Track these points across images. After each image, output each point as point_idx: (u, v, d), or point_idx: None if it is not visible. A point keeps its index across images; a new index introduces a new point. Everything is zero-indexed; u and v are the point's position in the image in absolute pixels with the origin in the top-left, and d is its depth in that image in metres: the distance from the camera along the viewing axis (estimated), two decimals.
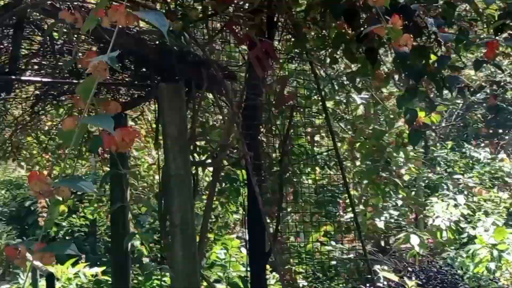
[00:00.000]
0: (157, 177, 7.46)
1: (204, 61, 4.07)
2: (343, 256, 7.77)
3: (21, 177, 16.28)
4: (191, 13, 3.60)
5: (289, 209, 5.76)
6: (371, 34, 3.21)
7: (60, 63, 5.29)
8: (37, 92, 5.91)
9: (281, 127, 4.82)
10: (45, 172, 8.21)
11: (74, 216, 11.01)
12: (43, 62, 5.37)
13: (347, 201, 6.59)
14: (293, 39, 4.01)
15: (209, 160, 4.56)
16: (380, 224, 8.27)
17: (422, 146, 12.85)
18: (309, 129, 4.93)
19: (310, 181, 5.51)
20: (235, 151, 4.73)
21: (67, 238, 13.85)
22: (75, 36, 4.78)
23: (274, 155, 4.85)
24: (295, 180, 5.38)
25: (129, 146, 1.74)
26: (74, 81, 5.17)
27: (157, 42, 4.40)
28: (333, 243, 7.31)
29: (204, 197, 5.09)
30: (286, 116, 4.66)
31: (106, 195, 8.40)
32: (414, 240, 8.61)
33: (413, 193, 13.28)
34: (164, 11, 4.20)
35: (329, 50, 3.55)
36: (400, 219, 10.25)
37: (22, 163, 8.10)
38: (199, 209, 7.00)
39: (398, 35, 1.81)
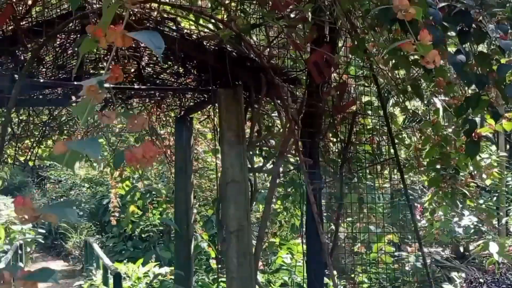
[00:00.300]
0: None
1: (263, 67, 4.02)
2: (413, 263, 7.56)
3: (102, 175, 16.70)
4: (238, 21, 3.55)
5: (355, 217, 5.61)
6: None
7: (126, 68, 5.39)
8: (105, 95, 6.02)
9: (344, 134, 4.71)
10: (117, 173, 8.45)
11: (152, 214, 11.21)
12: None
13: (426, 205, 6.37)
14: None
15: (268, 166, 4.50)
16: (459, 230, 7.98)
17: (508, 149, 12.32)
18: (372, 136, 4.79)
19: (374, 187, 5.35)
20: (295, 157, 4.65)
21: (143, 236, 14.22)
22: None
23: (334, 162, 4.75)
24: (361, 186, 5.26)
25: (150, 163, 1.71)
26: (141, 86, 5.24)
27: (216, 48, 4.39)
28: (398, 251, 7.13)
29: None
30: (348, 123, 4.55)
31: None
32: (493, 247, 8.23)
33: (494, 198, 12.76)
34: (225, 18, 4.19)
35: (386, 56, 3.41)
36: (480, 224, 9.86)
37: (94, 164, 8.34)
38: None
39: (426, 51, 1.70)
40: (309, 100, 4.46)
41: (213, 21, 4.21)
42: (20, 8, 4.01)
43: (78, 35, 4.53)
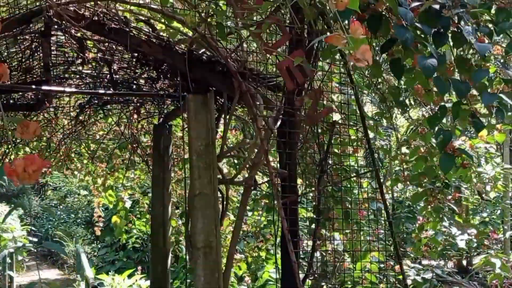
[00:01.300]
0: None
1: (232, 72, 3.74)
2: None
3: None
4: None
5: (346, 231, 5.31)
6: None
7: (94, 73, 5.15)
8: (79, 101, 5.80)
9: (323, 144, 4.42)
10: (100, 182, 8.18)
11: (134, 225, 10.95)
12: (83, 71, 5.23)
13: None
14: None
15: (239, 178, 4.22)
16: (461, 243, 7.67)
17: None
18: (355, 147, 4.50)
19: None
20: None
21: (136, 246, 13.95)
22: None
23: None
24: (347, 198, 4.97)
25: (34, 178, 1.43)
26: (106, 92, 4.98)
27: (185, 51, 4.12)
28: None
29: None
30: (325, 133, 4.27)
31: None
32: (496, 262, 7.88)
33: (498, 211, 12.42)
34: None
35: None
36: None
37: (75, 172, 8.09)
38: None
39: (357, 45, 1.42)
40: (286, 108, 4.18)
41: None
42: None
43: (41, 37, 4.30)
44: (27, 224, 19.17)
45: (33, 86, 4.32)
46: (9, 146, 6.48)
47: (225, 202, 4.32)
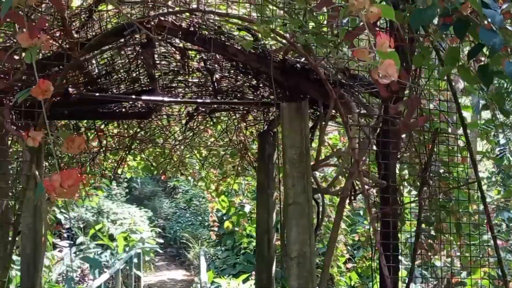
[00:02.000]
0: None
1: (322, 79, 3.66)
2: None
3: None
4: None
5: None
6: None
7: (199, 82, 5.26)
8: (188, 109, 5.95)
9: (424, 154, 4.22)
10: (213, 187, 8.36)
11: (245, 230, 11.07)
12: (188, 80, 5.37)
13: None
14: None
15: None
16: None
17: None
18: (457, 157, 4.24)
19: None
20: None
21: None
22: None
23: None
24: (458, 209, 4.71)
25: (71, 193, 1.45)
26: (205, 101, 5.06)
27: (279, 60, 4.10)
28: None
29: None
30: (426, 142, 4.06)
31: None
32: None
33: None
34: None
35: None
36: None
37: (189, 178, 8.32)
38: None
39: (383, 58, 1.30)
40: (385, 116, 4.03)
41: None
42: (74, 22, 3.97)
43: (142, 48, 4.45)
44: (156, 225, 20.05)
45: (133, 96, 4.47)
46: (124, 152, 6.78)
47: (320, 212, 4.25)
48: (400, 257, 4.41)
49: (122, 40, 4.13)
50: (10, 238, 3.64)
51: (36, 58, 1.69)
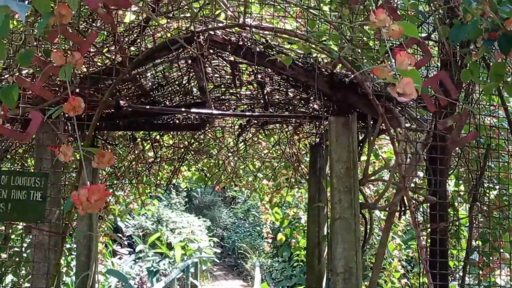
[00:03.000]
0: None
1: (368, 93, 3.63)
2: None
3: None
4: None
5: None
6: None
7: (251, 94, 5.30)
8: (240, 121, 6.00)
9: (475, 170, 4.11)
10: (267, 199, 8.38)
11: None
12: (240, 92, 5.42)
13: None
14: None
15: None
16: None
17: None
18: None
19: None
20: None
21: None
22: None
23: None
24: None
25: (97, 208, 1.50)
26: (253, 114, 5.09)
27: (327, 73, 4.09)
28: None
29: None
30: (479, 157, 3.96)
31: None
32: None
33: None
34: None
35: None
36: None
37: (243, 189, 8.36)
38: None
39: (404, 75, 1.29)
40: (435, 131, 3.96)
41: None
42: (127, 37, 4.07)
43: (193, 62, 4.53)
44: (215, 235, 20.22)
45: (183, 109, 4.55)
46: (179, 162, 6.89)
47: (368, 227, 4.19)
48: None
49: (174, 53, 4.22)
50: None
51: (71, 76, 1.75)
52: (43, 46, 3.19)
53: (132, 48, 4.13)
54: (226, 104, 5.61)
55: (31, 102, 3.54)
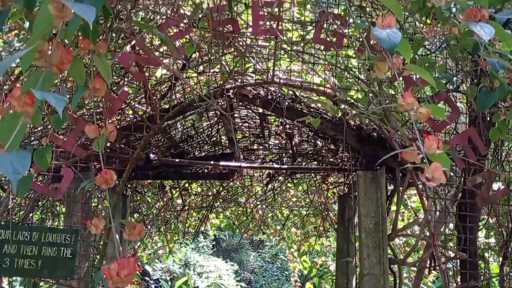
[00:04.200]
0: None
1: (393, 148, 3.63)
2: None
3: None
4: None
5: None
6: None
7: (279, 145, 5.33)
8: (268, 171, 6.03)
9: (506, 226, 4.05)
10: (295, 247, 8.31)
11: None
12: (269, 143, 5.45)
13: None
14: None
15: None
16: None
17: None
18: None
19: None
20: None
21: None
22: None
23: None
24: None
25: (127, 282, 1.52)
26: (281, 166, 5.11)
27: (355, 127, 4.11)
28: None
29: None
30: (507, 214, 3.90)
31: None
32: None
33: None
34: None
35: None
36: None
37: (271, 237, 8.33)
38: None
39: (432, 159, 1.29)
40: (464, 187, 3.92)
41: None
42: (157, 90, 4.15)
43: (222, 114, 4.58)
44: (242, 279, 20.03)
45: (212, 162, 4.59)
46: (207, 210, 6.92)
47: (397, 284, 4.14)
48: None
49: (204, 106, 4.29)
50: None
51: (104, 144, 1.79)
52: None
53: (159, 103, 4.20)
54: (254, 153, 5.65)
55: (62, 156, 3.61)
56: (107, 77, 1.77)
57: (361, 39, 3.37)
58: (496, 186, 4.01)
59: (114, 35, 2.89)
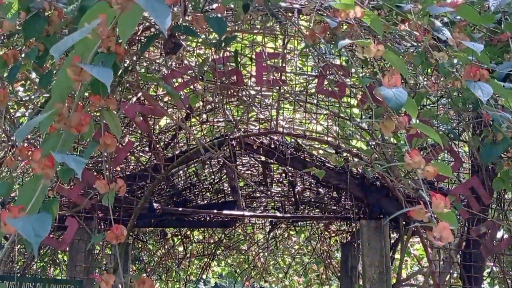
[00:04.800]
0: None
1: (398, 198, 3.64)
2: None
3: None
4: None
5: None
6: None
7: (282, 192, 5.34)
8: (270, 219, 6.02)
9: None
10: None
11: None
12: (271, 191, 5.46)
13: None
14: None
15: None
16: None
17: None
18: None
19: None
20: None
21: None
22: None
23: None
24: None
25: None
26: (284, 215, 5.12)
27: (358, 176, 4.12)
28: None
29: None
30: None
31: None
32: None
33: None
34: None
35: None
36: None
37: (273, 285, 8.26)
38: None
39: (440, 218, 1.31)
40: (468, 237, 3.91)
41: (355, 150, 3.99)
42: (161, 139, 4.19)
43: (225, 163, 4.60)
44: None
45: (215, 211, 4.60)
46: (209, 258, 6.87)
47: None
48: None
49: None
50: None
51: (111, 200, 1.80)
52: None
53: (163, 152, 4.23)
54: (256, 201, 5.65)
55: (65, 205, 3.62)
56: (117, 133, 1.80)
57: (363, 90, 3.42)
58: (500, 234, 4.01)
59: (120, 88, 2.94)
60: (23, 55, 2.15)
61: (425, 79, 2.93)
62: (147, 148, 4.32)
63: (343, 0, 1.53)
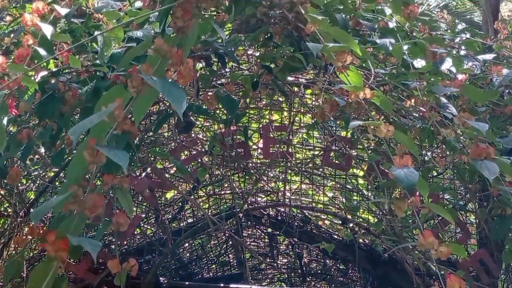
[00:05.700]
0: None
1: (407, 270, 3.61)
2: None
3: None
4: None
5: None
6: None
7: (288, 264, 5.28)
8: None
9: None
10: None
11: None
12: (278, 262, 5.40)
13: None
14: None
15: None
16: None
17: None
18: None
19: None
20: None
21: None
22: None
23: None
24: None
25: None
26: None
27: (365, 248, 4.10)
28: None
29: None
30: None
31: None
32: None
33: None
34: None
35: None
36: None
37: None
38: None
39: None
40: None
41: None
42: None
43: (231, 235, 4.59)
44: None
45: (221, 285, 4.54)
46: None
47: None
48: None
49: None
50: None
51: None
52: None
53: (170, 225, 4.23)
54: (263, 273, 5.58)
55: (72, 281, 3.59)
56: (130, 212, 1.81)
57: (370, 162, 3.45)
58: None
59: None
60: (35, 134, 2.18)
61: (431, 153, 2.96)
62: (153, 220, 4.32)
63: (353, 82, 1.57)
